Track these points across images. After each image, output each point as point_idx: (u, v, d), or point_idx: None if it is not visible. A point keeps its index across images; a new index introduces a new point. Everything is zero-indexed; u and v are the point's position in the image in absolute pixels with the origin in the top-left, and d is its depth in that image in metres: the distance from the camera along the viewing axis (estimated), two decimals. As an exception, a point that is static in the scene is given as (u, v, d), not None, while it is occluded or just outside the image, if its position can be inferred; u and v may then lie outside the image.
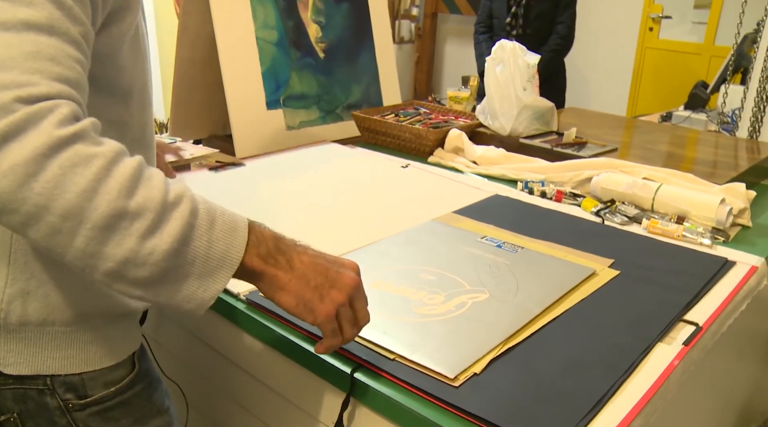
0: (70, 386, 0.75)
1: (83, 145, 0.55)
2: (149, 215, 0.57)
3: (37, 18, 0.57)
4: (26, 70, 0.55)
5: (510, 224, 1.22)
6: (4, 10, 0.56)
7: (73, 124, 0.55)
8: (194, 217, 0.60)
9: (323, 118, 1.83)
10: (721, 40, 4.16)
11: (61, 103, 0.56)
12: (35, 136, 0.53)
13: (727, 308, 0.98)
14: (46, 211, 0.54)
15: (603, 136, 1.75)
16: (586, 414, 0.72)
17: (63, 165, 0.53)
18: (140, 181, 0.57)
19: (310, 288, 0.67)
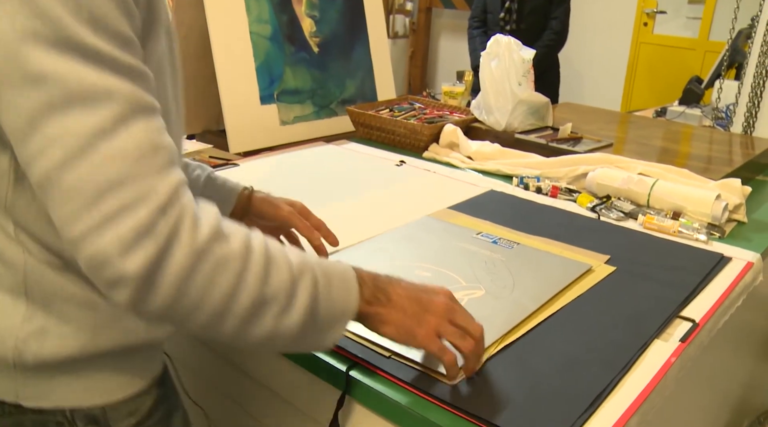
0: (91, 418, 0.71)
1: (218, 246, 0.59)
2: (282, 297, 0.63)
3: (121, 108, 0.56)
4: (140, 176, 0.55)
5: (505, 220, 1.22)
6: (91, 116, 0.55)
7: (203, 226, 0.58)
8: (316, 286, 0.65)
9: (317, 114, 1.82)
10: (716, 36, 4.16)
11: (187, 203, 0.58)
12: (180, 254, 0.56)
13: (723, 304, 0.98)
14: (196, 312, 0.59)
15: (598, 132, 1.75)
16: (584, 412, 0.71)
17: (207, 273, 0.58)
18: (270, 266, 0.62)
19: (408, 316, 0.72)
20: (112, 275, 0.55)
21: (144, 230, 0.55)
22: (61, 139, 0.54)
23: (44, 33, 0.54)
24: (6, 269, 0.67)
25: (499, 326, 0.86)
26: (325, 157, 1.61)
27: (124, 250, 0.54)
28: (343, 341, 0.83)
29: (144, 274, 0.55)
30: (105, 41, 0.57)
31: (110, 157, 0.55)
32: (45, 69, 0.54)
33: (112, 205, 0.54)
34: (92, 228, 0.54)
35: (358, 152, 1.66)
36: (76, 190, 0.54)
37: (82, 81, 0.55)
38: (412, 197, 1.34)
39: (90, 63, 0.55)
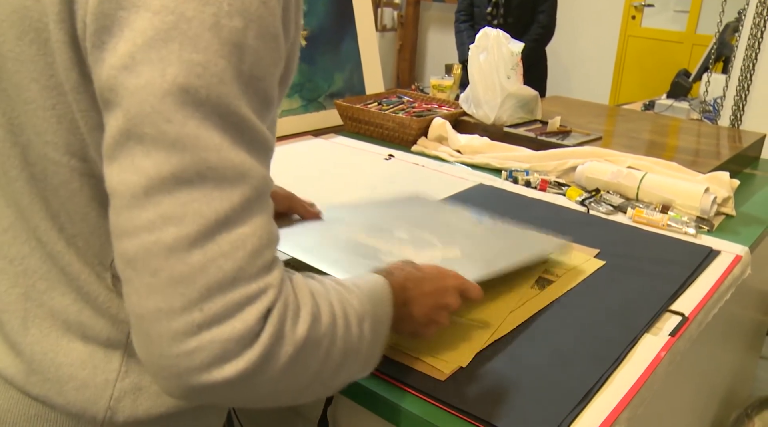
0: None
1: (314, 331, 0.53)
2: (353, 351, 0.59)
3: (250, 193, 0.49)
4: (254, 275, 0.48)
5: (494, 213, 1.21)
6: (220, 199, 0.47)
7: (302, 316, 0.52)
8: (374, 330, 0.62)
9: (305, 107, 1.80)
10: (703, 29, 4.18)
11: (288, 296, 0.52)
12: (283, 352, 0.50)
13: (712, 297, 0.98)
14: (287, 393, 0.55)
15: (587, 125, 1.75)
16: (575, 407, 0.71)
17: (305, 359, 0.53)
18: (348, 327, 0.58)
19: (423, 325, 0.73)
20: (207, 381, 0.48)
21: (249, 336, 0.48)
22: (178, 219, 0.46)
23: (196, 89, 0.47)
24: (108, 323, 0.61)
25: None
26: (313, 151, 1.60)
27: (224, 357, 0.47)
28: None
29: (245, 377, 0.48)
30: (253, 107, 0.50)
31: (228, 249, 0.47)
32: (184, 132, 0.47)
33: (219, 307, 0.47)
34: (191, 329, 0.47)
35: (347, 146, 1.65)
36: (181, 283, 0.46)
37: (220, 156, 0.48)
38: (401, 191, 1.33)
39: (232, 133, 0.49)
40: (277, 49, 0.52)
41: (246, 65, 0.49)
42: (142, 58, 0.46)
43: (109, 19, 0.47)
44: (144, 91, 0.46)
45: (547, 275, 0.99)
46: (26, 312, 0.62)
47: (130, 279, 0.48)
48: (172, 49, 0.46)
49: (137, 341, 0.50)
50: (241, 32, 0.48)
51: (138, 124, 0.47)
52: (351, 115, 1.76)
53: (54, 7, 0.51)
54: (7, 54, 0.55)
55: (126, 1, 0.47)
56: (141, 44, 0.46)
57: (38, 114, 0.56)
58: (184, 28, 0.46)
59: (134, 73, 0.47)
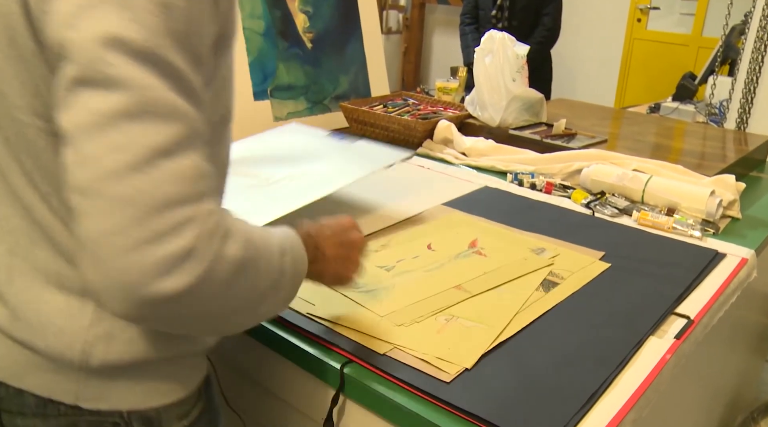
0: (146, 419, 0.72)
1: (246, 253, 0.59)
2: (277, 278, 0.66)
3: (186, 131, 0.55)
4: (193, 199, 0.55)
5: (500, 216, 1.21)
6: (158, 132, 0.54)
7: (235, 238, 0.58)
8: (294, 264, 0.68)
9: (311, 109, 1.81)
10: (709, 32, 4.17)
11: (223, 221, 0.58)
12: (222, 269, 0.56)
13: (717, 300, 0.98)
14: (222, 318, 0.61)
15: (592, 128, 1.75)
16: (579, 409, 0.71)
17: (239, 281, 0.59)
18: (270, 256, 0.64)
19: (339, 266, 0.80)
20: (151, 294, 0.53)
21: (190, 252, 0.54)
22: (125, 148, 0.52)
23: (134, 40, 0.53)
24: (76, 272, 0.66)
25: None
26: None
27: (168, 269, 0.53)
28: (337, 338, 0.83)
29: (186, 292, 0.54)
30: (185, 60, 0.56)
31: (168, 176, 0.53)
32: (126, 75, 0.53)
33: (163, 224, 0.52)
34: (137, 244, 0.52)
35: (352, 148, 1.66)
36: (126, 203, 0.52)
37: (158, 95, 0.54)
38: (405, 194, 1.33)
39: (167, 79, 0.55)
40: (206, 10, 0.59)
41: (175, 23, 0.55)
42: (83, 15, 0.53)
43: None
44: (88, 42, 0.53)
45: (552, 277, 1.00)
46: (11, 266, 0.69)
47: (80, 206, 0.53)
48: (107, 9, 0.53)
49: (86, 266, 0.54)
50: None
51: (85, 71, 0.53)
52: (356, 117, 1.77)
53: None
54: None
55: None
56: (78, 4, 0.53)
57: (5, 81, 0.62)
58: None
59: (77, 29, 0.53)
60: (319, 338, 0.83)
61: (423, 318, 0.86)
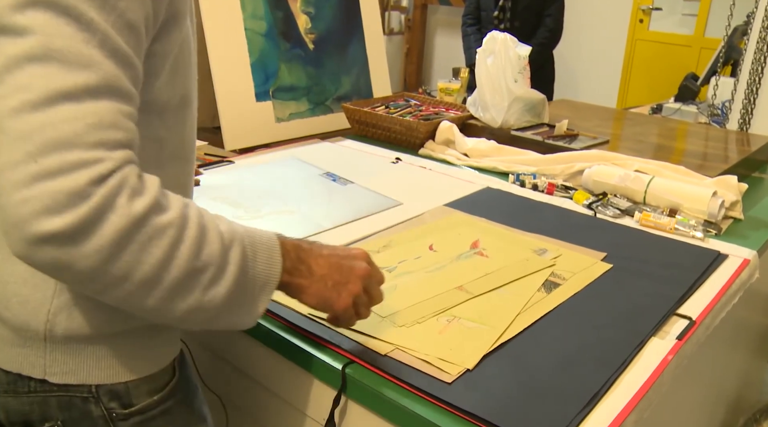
0: (114, 394, 0.73)
1: (156, 216, 0.58)
2: (212, 269, 0.62)
3: (96, 81, 0.56)
4: (90, 145, 0.55)
5: (501, 217, 1.21)
6: (64, 77, 0.55)
7: (143, 196, 0.57)
8: (244, 257, 0.65)
9: (313, 110, 1.81)
10: (711, 32, 4.16)
11: (128, 175, 0.57)
12: (115, 218, 0.55)
13: (719, 301, 0.98)
14: (125, 281, 0.58)
15: (594, 128, 1.75)
16: (581, 410, 0.71)
17: (141, 240, 0.57)
18: (203, 237, 0.61)
19: (328, 288, 0.74)
20: (37, 230, 0.53)
21: (79, 193, 0.54)
22: (28, 88, 0.54)
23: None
24: None
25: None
26: (320, 155, 1.60)
27: (54, 208, 0.53)
28: (339, 338, 0.83)
29: (71, 233, 0.54)
30: (107, 20, 0.57)
31: (67, 118, 0.54)
32: (37, 22, 0.54)
33: (54, 162, 0.53)
34: (27, 178, 0.53)
35: (354, 149, 1.66)
36: (23, 138, 0.53)
37: (69, 44, 0.55)
38: (407, 195, 1.33)
39: (82, 32, 0.56)
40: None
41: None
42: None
43: None
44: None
45: (554, 278, 1.00)
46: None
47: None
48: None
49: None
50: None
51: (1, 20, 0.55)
52: (358, 118, 1.77)
53: None
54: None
55: None
56: None
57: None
58: None
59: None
60: (320, 339, 0.83)
61: (425, 319, 0.86)
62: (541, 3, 3.29)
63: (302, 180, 1.06)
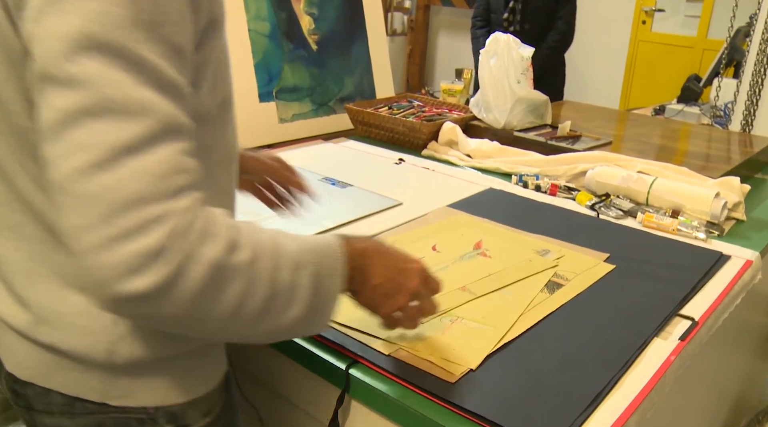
0: (171, 416, 0.72)
1: (231, 256, 0.57)
2: (286, 294, 0.63)
3: (154, 127, 0.54)
4: (161, 197, 0.54)
5: (504, 218, 1.22)
6: (123, 129, 0.53)
7: (216, 238, 0.57)
8: (315, 277, 0.65)
9: (316, 111, 1.81)
10: (714, 34, 4.16)
11: (200, 220, 0.56)
12: (195, 269, 0.55)
13: (722, 302, 0.98)
14: (207, 321, 0.58)
15: (597, 130, 1.75)
16: (584, 410, 0.71)
17: (220, 283, 0.57)
18: (276, 266, 0.61)
19: (377, 296, 0.74)
20: (121, 292, 0.53)
21: (158, 251, 0.53)
22: (89, 146, 0.52)
23: (97, 34, 0.52)
24: None
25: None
26: (323, 155, 1.61)
27: (135, 268, 0.53)
28: (343, 339, 0.83)
29: (154, 292, 0.53)
30: (156, 51, 0.55)
31: (136, 173, 0.53)
32: (88, 72, 0.52)
33: (130, 222, 0.52)
34: (105, 241, 0.52)
35: (357, 150, 1.66)
36: (93, 201, 0.52)
37: (123, 92, 0.53)
38: (410, 195, 1.33)
39: (134, 73, 0.54)
40: (185, 2, 0.58)
41: (143, 13, 0.54)
42: (47, 10, 0.53)
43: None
44: (50, 37, 0.53)
45: (557, 278, 1.00)
46: (30, 271, 0.69)
47: (59, 204, 0.54)
48: (71, 1, 0.52)
49: (73, 258, 0.55)
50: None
51: (48, 67, 0.53)
52: (361, 119, 1.77)
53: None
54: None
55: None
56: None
57: (1, 87, 0.62)
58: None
59: (42, 24, 0.53)
60: (324, 339, 0.83)
61: (428, 319, 0.87)
62: (552, 5, 3.22)
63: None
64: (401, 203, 1.28)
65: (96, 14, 0.52)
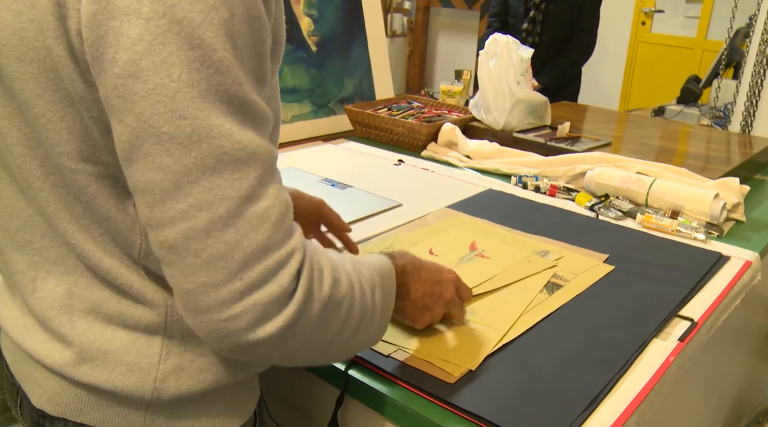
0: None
1: (336, 290, 0.59)
2: (368, 316, 0.65)
3: (263, 170, 0.54)
4: (280, 243, 0.54)
5: (503, 219, 1.22)
6: (240, 179, 0.52)
7: (325, 274, 0.58)
8: (383, 295, 0.68)
9: (315, 113, 1.82)
10: (714, 35, 4.17)
11: (311, 256, 0.57)
12: (313, 307, 0.56)
13: (721, 303, 0.98)
14: (307, 351, 0.60)
15: (596, 131, 1.75)
16: (583, 411, 0.71)
17: (327, 316, 0.58)
18: (362, 293, 0.64)
19: (417, 308, 0.79)
20: (251, 340, 0.54)
21: (284, 295, 0.54)
22: (210, 204, 0.51)
23: (200, 82, 0.51)
24: (146, 310, 0.64)
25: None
26: (323, 157, 1.61)
27: (263, 317, 0.53)
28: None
29: (281, 335, 0.54)
30: (251, 87, 0.54)
31: (257, 224, 0.53)
32: (197, 125, 0.51)
33: (256, 273, 0.53)
34: (234, 295, 0.52)
35: (357, 151, 1.66)
36: (221, 258, 0.52)
37: (232, 139, 0.52)
38: (410, 197, 1.33)
39: (239, 116, 0.53)
40: (263, 28, 0.56)
41: (239, 50, 0.53)
42: (146, 64, 0.50)
43: (102, 29, 0.50)
44: (155, 93, 0.50)
45: (556, 279, 1.00)
46: (71, 307, 0.65)
47: (172, 262, 0.53)
48: (170, 50, 0.50)
49: (186, 313, 0.56)
50: (229, 21, 0.52)
51: (154, 126, 0.50)
52: (361, 120, 1.77)
53: (50, 23, 0.53)
54: (12, 74, 0.57)
55: (117, 11, 0.49)
56: (142, 51, 0.49)
57: (48, 127, 0.58)
58: (177, 29, 0.50)
59: (142, 79, 0.50)
60: (323, 340, 0.83)
61: None
62: (574, 16, 3.06)
63: (300, 187, 1.05)
64: (401, 204, 1.29)
65: (197, 62, 0.50)
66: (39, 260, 0.66)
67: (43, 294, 0.66)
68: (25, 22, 0.54)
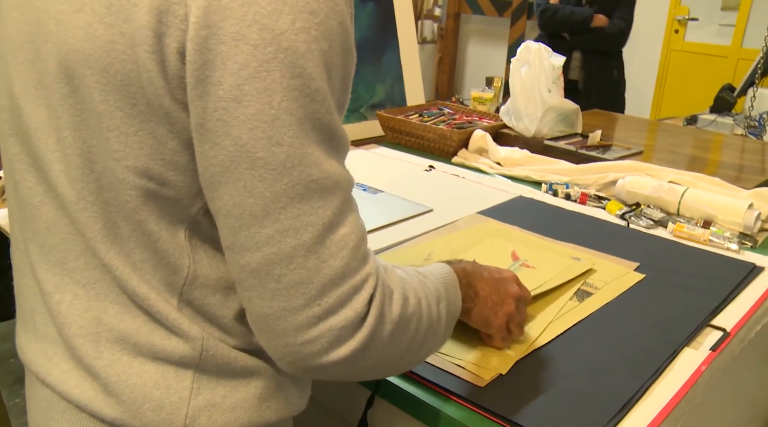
0: None
1: (405, 309, 0.61)
2: (434, 326, 0.67)
3: (343, 198, 0.56)
4: (357, 269, 0.56)
5: (534, 226, 1.22)
6: (323, 207, 0.54)
7: (395, 295, 0.60)
8: (448, 305, 0.70)
9: (347, 118, 1.84)
10: (750, 43, 4.11)
11: (382, 280, 0.59)
12: (385, 328, 0.58)
13: (755, 314, 0.97)
14: (378, 367, 0.62)
15: (628, 139, 1.74)
16: (612, 417, 0.71)
17: (397, 335, 0.60)
18: (429, 307, 0.65)
19: (488, 308, 0.79)
20: (325, 362, 0.56)
21: (358, 320, 0.56)
22: (296, 230, 0.53)
23: (298, 110, 0.52)
24: (180, 342, 0.62)
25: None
26: (354, 162, 1.62)
27: (339, 340, 0.55)
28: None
29: (354, 357, 0.56)
30: (338, 114, 0.56)
31: (337, 250, 0.54)
32: (292, 152, 0.52)
33: (333, 298, 0.54)
34: (312, 320, 0.54)
35: (388, 157, 1.68)
36: (302, 284, 0.53)
37: (320, 168, 0.54)
38: (441, 202, 1.34)
39: (326, 146, 0.55)
40: (352, 61, 0.58)
41: (332, 81, 0.55)
42: (249, 89, 0.51)
43: (212, 53, 0.51)
44: (255, 119, 0.51)
45: (587, 287, 1.00)
46: (98, 336, 0.63)
47: (252, 286, 0.55)
48: (274, 77, 0.51)
49: (261, 336, 0.58)
50: (328, 53, 0.54)
51: (251, 150, 0.52)
52: (392, 126, 1.79)
53: (147, 38, 0.52)
54: (94, 85, 0.56)
55: (226, 36, 0.50)
56: (247, 76, 0.51)
57: (120, 140, 0.57)
58: (282, 58, 0.51)
59: (243, 104, 0.51)
60: (355, 341, 0.85)
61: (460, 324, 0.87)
62: (611, 6, 3.26)
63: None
64: (431, 210, 1.30)
65: (297, 91, 0.52)
66: (68, 281, 0.64)
67: (68, 320, 0.63)
68: (116, 35, 0.54)
